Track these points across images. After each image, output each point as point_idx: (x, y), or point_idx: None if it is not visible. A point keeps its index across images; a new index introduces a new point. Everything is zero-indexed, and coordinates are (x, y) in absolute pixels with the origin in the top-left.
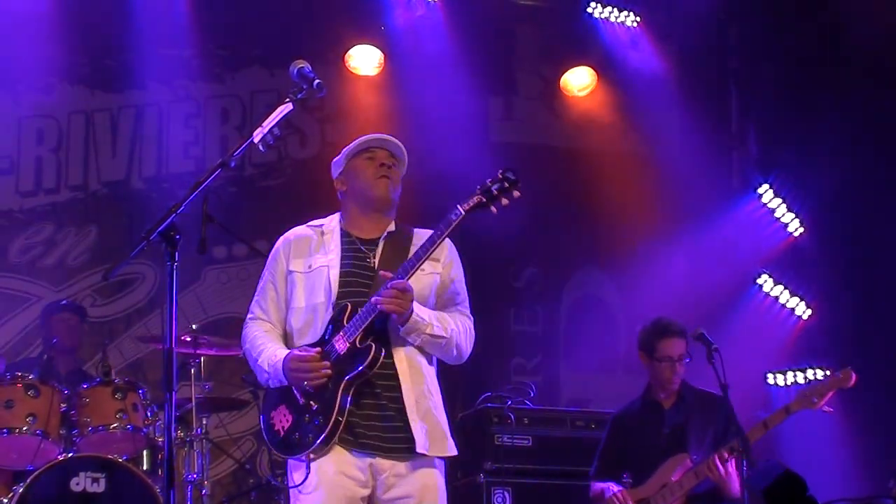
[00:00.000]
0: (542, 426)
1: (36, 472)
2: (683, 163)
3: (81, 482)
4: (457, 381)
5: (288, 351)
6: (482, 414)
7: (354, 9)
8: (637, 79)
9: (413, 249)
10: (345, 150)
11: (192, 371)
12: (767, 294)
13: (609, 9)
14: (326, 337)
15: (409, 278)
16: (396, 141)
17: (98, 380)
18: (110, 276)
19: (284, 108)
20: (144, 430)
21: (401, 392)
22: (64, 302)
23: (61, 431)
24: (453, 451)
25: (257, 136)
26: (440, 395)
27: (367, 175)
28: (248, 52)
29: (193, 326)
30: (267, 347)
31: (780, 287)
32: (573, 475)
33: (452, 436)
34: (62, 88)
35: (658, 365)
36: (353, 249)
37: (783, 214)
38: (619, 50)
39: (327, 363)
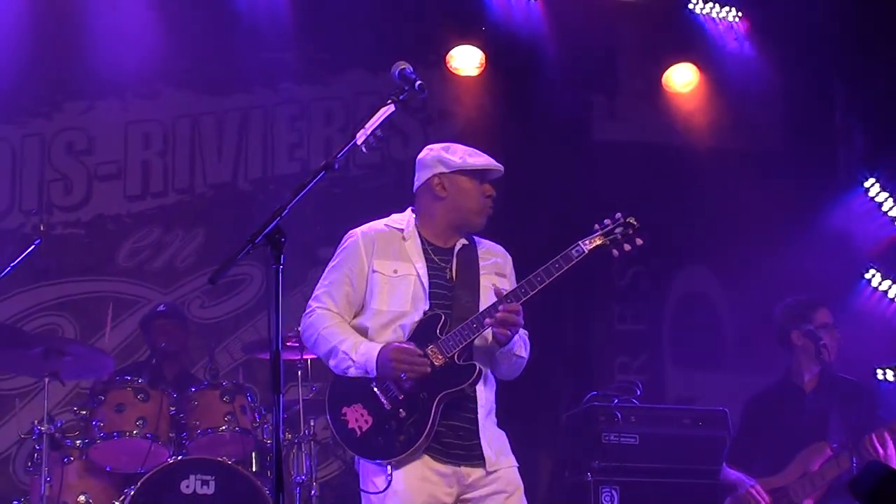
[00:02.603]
0: (648, 424)
1: (146, 475)
2: (788, 158)
3: (191, 484)
4: (562, 380)
5: (381, 343)
6: (589, 412)
7: (455, 10)
8: (740, 74)
9: (482, 262)
10: (455, 151)
11: (300, 372)
12: (876, 289)
13: (711, 4)
14: (416, 342)
15: (520, 302)
16: (502, 169)
17: (206, 383)
18: (215, 280)
19: (387, 110)
20: (253, 432)
21: (476, 409)
22: (161, 308)
23: (171, 434)
24: (515, 465)
25: (360, 137)
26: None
27: (474, 201)
28: (351, 55)
29: (298, 329)
30: (350, 337)
31: (889, 282)
32: (680, 473)
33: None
34: (168, 93)
35: (821, 334)
36: (431, 259)
37: (891, 208)
38: (722, 45)
39: (427, 361)
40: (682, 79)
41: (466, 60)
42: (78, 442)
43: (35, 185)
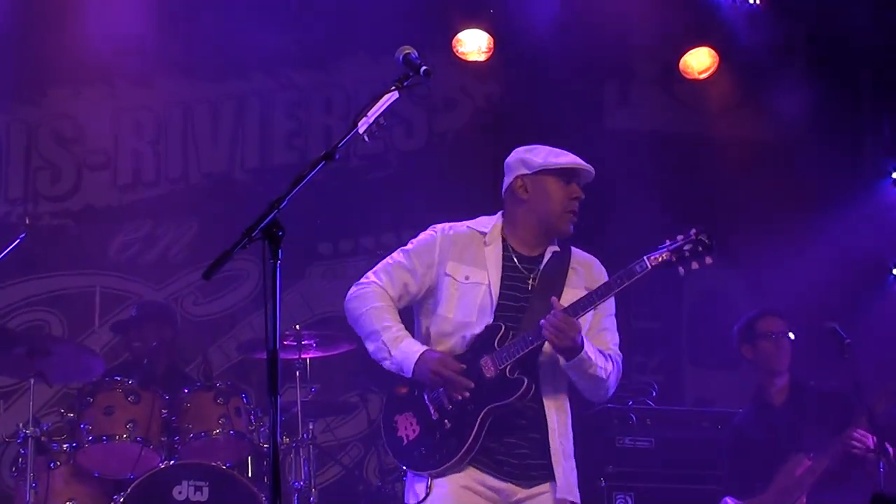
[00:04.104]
0: (665, 427)
1: (137, 481)
2: (812, 148)
3: (184, 491)
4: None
5: (427, 347)
6: (602, 415)
7: None
8: (761, 60)
9: (570, 274)
10: (538, 152)
11: (298, 373)
12: None
13: None
14: (469, 354)
15: (578, 317)
16: (592, 170)
17: (199, 384)
18: (210, 276)
19: (390, 97)
20: (248, 435)
21: (547, 429)
22: (133, 313)
23: (162, 438)
24: (577, 500)
25: (362, 126)
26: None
27: (557, 203)
28: (352, 39)
29: (297, 327)
30: (393, 326)
31: None
32: (698, 478)
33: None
34: (160, 79)
35: (761, 344)
36: (512, 267)
37: None
38: (742, 29)
39: (471, 383)
40: (699, 63)
41: (473, 45)
42: (65, 446)
43: (21, 173)
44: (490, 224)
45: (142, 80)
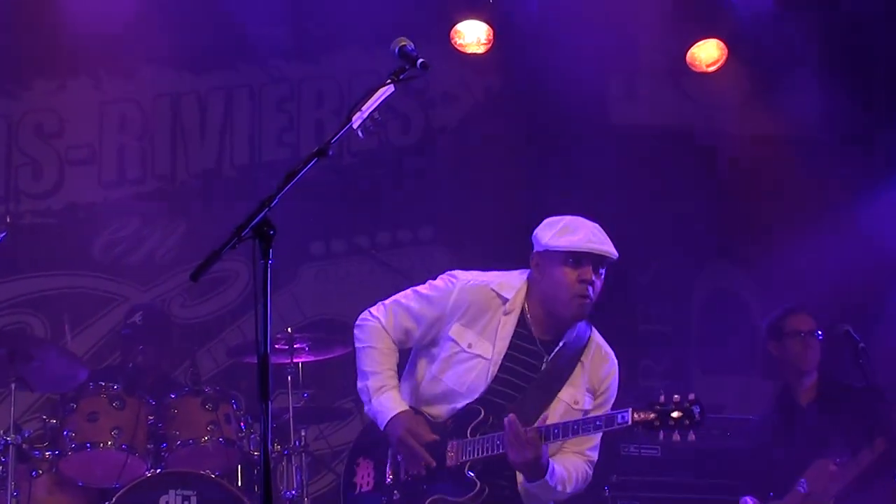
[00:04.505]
0: None
1: (122, 490)
2: (823, 143)
3: (171, 500)
4: None
5: (408, 408)
6: None
7: None
8: (771, 52)
9: (577, 370)
10: (551, 227)
11: (290, 378)
12: None
13: None
14: (443, 428)
15: (546, 442)
16: (612, 251)
17: (187, 389)
18: (198, 277)
19: (385, 91)
20: (238, 443)
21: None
22: (138, 320)
23: (148, 446)
24: None
25: (356, 121)
26: None
27: (563, 289)
28: (346, 30)
29: (289, 330)
30: (383, 373)
31: None
32: (706, 488)
33: None
34: (146, 70)
35: (789, 343)
36: (521, 348)
37: None
38: (752, 20)
39: (431, 462)
40: (708, 56)
41: (472, 36)
42: (47, 454)
43: (2, 170)
44: (514, 288)
45: (127, 71)
